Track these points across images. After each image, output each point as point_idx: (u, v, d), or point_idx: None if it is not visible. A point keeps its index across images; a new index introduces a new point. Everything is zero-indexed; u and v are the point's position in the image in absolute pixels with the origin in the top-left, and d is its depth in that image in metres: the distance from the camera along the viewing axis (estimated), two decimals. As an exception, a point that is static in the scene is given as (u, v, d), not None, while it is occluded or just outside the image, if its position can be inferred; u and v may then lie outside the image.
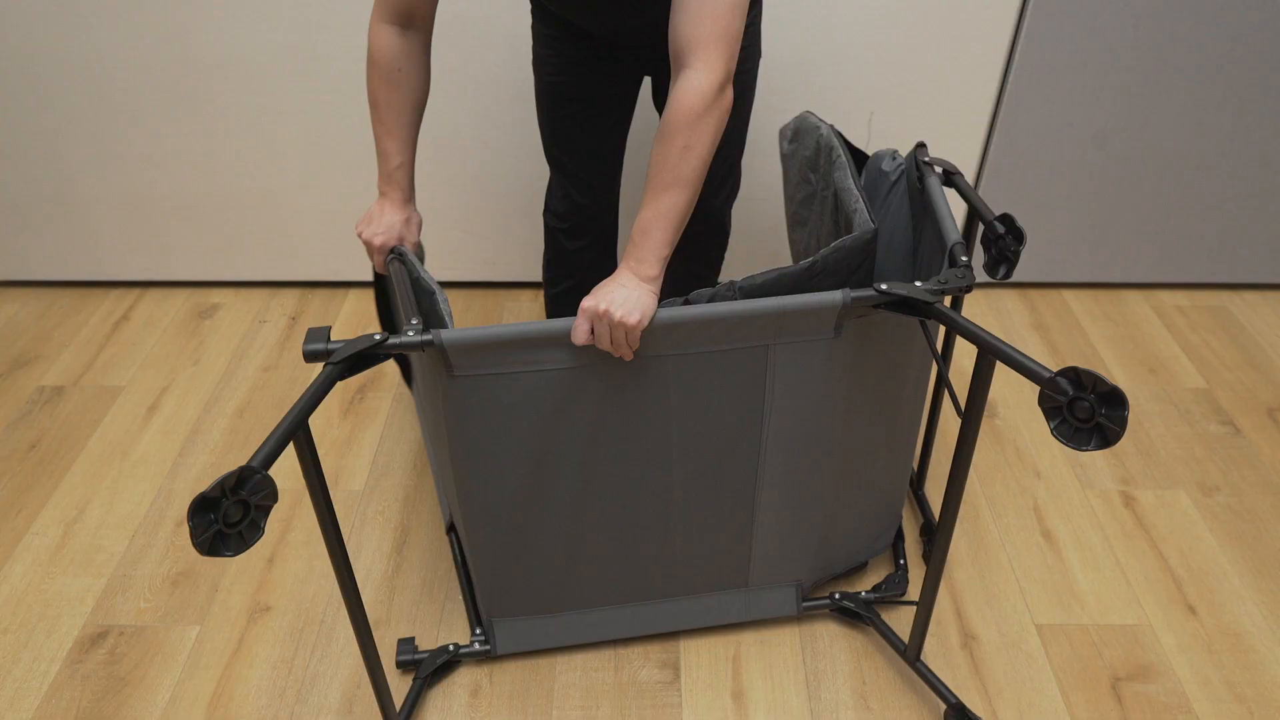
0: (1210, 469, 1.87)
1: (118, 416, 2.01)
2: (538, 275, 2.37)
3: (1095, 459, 1.89)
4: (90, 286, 2.43)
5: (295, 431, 0.98)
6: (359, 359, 1.10)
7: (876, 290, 1.17)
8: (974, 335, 1.07)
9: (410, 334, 1.13)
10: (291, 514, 1.78)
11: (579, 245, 1.74)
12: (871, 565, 1.67)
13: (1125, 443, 1.93)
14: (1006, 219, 1.29)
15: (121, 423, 1.99)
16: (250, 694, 1.48)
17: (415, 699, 1.44)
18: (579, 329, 1.15)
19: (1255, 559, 1.69)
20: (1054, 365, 2.14)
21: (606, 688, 1.49)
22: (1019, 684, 1.49)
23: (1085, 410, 0.93)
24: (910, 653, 1.45)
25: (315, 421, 1.99)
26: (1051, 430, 0.95)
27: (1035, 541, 1.72)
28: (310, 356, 1.08)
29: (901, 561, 1.63)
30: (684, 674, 1.51)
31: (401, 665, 1.50)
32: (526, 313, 2.32)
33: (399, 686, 1.50)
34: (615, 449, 1.29)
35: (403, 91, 1.31)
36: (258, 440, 1.94)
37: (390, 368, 2.15)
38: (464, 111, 2.09)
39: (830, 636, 1.56)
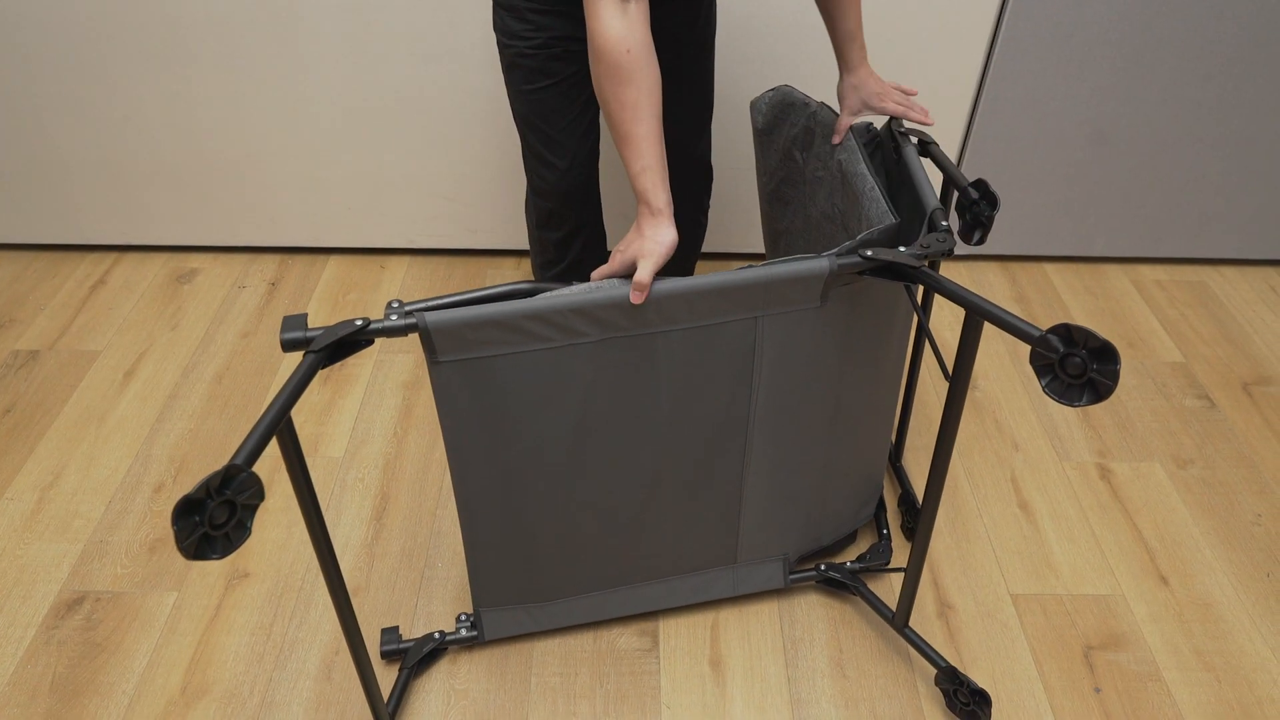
0: (1185, 442, 1.89)
1: (94, 381, 1.99)
2: (519, 243, 2.36)
3: (1073, 431, 1.91)
4: (66, 250, 2.39)
5: (278, 425, 0.94)
6: (340, 346, 1.05)
7: (861, 256, 1.17)
8: (961, 297, 1.07)
9: (394, 318, 1.08)
10: (270, 480, 1.77)
11: (564, 232, 1.66)
12: (854, 536, 1.69)
13: (1102, 416, 1.95)
14: (980, 184, 1.29)
15: (98, 387, 1.97)
16: (228, 660, 1.48)
17: (402, 690, 1.42)
18: None
19: (1227, 531, 1.71)
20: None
21: (585, 656, 1.50)
22: (993, 652, 1.51)
23: (1077, 366, 0.93)
24: (898, 620, 1.46)
25: (294, 388, 1.98)
26: (1043, 387, 0.94)
27: (1012, 512, 1.74)
28: (289, 346, 1.03)
29: (884, 531, 1.64)
30: (662, 642, 1.52)
31: (386, 656, 1.47)
32: (509, 280, 2.31)
33: (378, 651, 1.50)
34: (604, 428, 1.28)
35: (635, 82, 1.14)
36: (236, 407, 1.93)
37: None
38: (443, 77, 2.07)
39: (808, 606, 1.58)
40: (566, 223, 1.63)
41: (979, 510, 1.75)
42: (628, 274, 1.19)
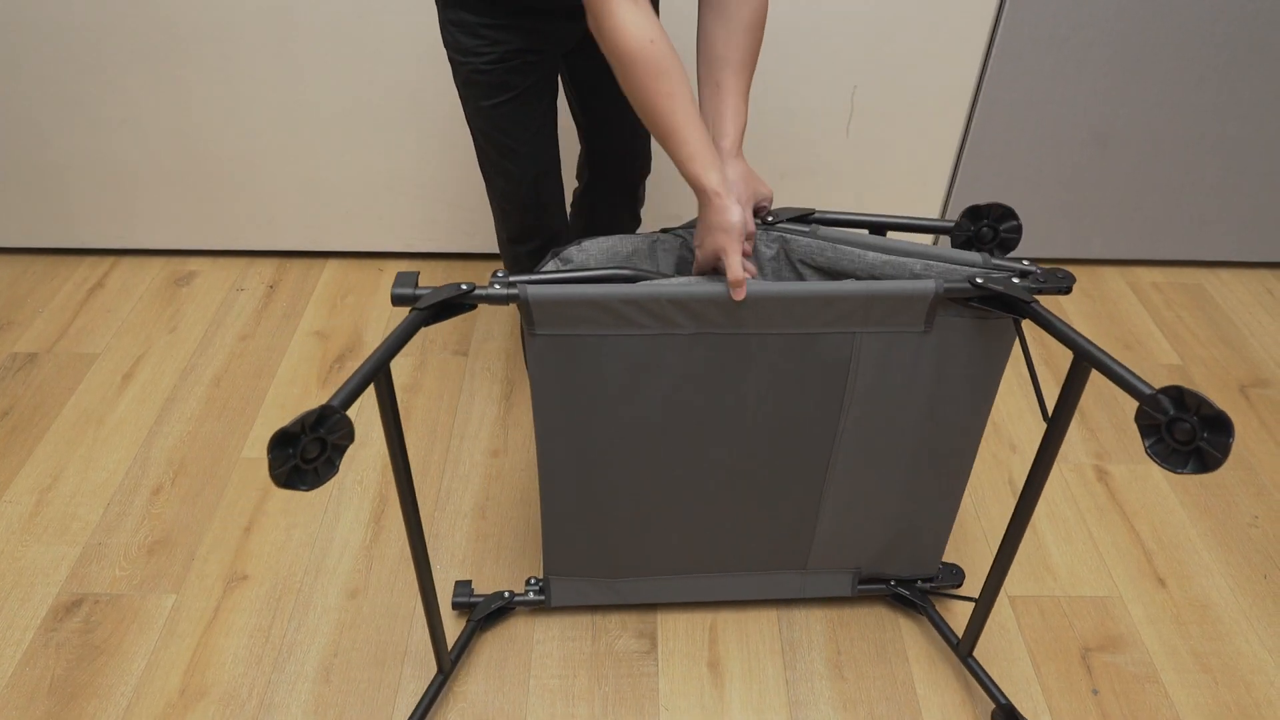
0: (1182, 444, 1.89)
1: (93, 384, 1.99)
2: (518, 246, 2.36)
3: (1070, 434, 1.91)
4: (63, 254, 2.39)
5: (377, 374, 1.00)
6: (444, 307, 1.10)
7: (971, 283, 1.14)
8: (1073, 341, 1.04)
9: (497, 287, 1.12)
10: (269, 485, 1.77)
11: (537, 244, 1.66)
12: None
13: (1099, 418, 1.96)
14: (979, 209, 1.25)
15: (96, 390, 1.97)
16: (227, 662, 1.48)
17: (468, 640, 1.48)
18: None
19: (1223, 532, 1.72)
20: (1032, 343, 2.15)
21: (583, 657, 1.50)
22: (991, 654, 1.51)
23: (1186, 432, 0.88)
24: (963, 648, 1.45)
25: (291, 391, 1.98)
26: (1146, 449, 0.90)
27: (1010, 514, 1.74)
28: (398, 300, 1.09)
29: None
30: (661, 643, 1.52)
31: (457, 607, 1.54)
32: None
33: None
34: (689, 420, 1.28)
35: (666, 71, 1.13)
36: (235, 409, 1.93)
37: (370, 338, 2.14)
38: (441, 80, 2.07)
39: (806, 607, 1.58)
40: (538, 234, 1.64)
41: (976, 512, 1.75)
42: (715, 269, 1.19)
